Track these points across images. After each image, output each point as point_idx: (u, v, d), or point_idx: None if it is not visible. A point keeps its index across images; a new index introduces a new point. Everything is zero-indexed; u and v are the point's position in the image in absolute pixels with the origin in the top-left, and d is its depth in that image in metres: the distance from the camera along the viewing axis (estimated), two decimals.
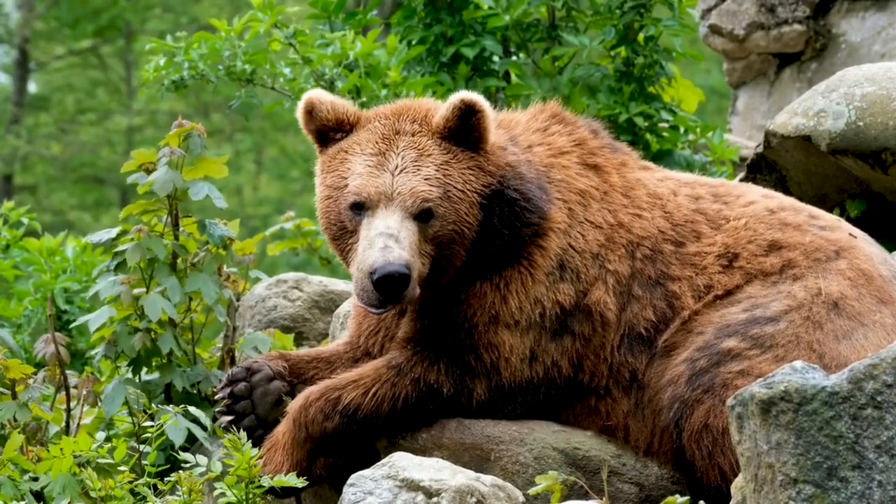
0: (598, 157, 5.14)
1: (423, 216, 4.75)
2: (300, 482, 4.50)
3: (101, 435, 5.01)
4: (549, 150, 5.10)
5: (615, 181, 5.10)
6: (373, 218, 4.74)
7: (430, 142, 4.87)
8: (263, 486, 4.45)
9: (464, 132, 4.87)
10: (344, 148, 4.92)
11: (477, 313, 4.86)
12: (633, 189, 5.09)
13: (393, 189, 4.76)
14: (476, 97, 4.86)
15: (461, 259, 4.85)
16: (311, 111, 4.97)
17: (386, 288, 4.60)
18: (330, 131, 4.98)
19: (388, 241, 4.64)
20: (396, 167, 4.80)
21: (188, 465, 4.59)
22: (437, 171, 4.81)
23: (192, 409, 5.07)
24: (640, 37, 7.44)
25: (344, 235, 4.85)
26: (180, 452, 4.72)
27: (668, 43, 7.48)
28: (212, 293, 5.55)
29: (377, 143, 4.86)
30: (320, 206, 4.95)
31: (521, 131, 5.13)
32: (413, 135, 4.88)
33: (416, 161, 4.81)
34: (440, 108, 4.91)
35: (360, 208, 4.78)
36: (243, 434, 4.48)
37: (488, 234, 4.87)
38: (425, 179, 4.78)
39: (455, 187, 4.81)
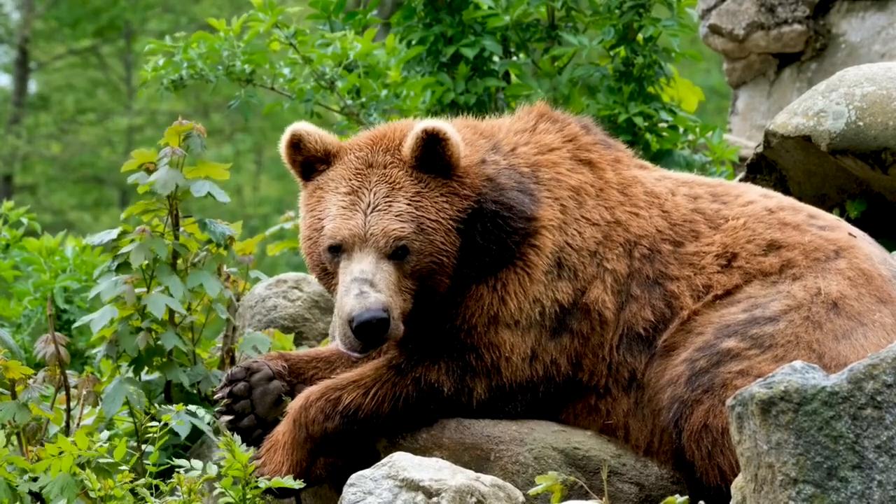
0: (592, 152, 5.13)
1: (398, 254, 4.77)
2: (297, 484, 4.51)
3: (104, 435, 5.01)
4: (535, 148, 5.08)
5: (610, 177, 5.09)
6: (349, 262, 4.77)
7: (401, 173, 4.87)
8: (260, 487, 4.45)
9: (432, 160, 4.87)
10: (320, 185, 4.95)
11: (475, 314, 4.86)
12: (629, 187, 5.09)
13: (366, 230, 4.77)
14: (439, 125, 4.85)
15: (445, 286, 4.86)
16: (297, 143, 4.99)
17: (366, 334, 4.64)
18: (317, 163, 4.99)
19: (363, 287, 4.67)
20: (369, 205, 4.81)
21: (184, 469, 4.59)
22: (409, 204, 4.81)
23: (193, 407, 5.07)
24: (640, 37, 7.44)
25: (326, 276, 4.91)
26: (174, 459, 4.71)
27: (667, 43, 7.48)
28: (215, 288, 5.56)
29: (350, 179, 4.88)
30: (303, 247, 5.00)
31: (503, 135, 5.11)
32: (385, 167, 4.88)
33: (387, 196, 4.82)
34: (405, 143, 4.90)
35: (337, 251, 4.82)
36: (237, 437, 4.49)
37: (472, 254, 4.86)
38: (397, 216, 4.79)
39: (429, 218, 4.82)
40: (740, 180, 6.42)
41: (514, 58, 7.71)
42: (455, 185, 4.89)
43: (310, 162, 5.00)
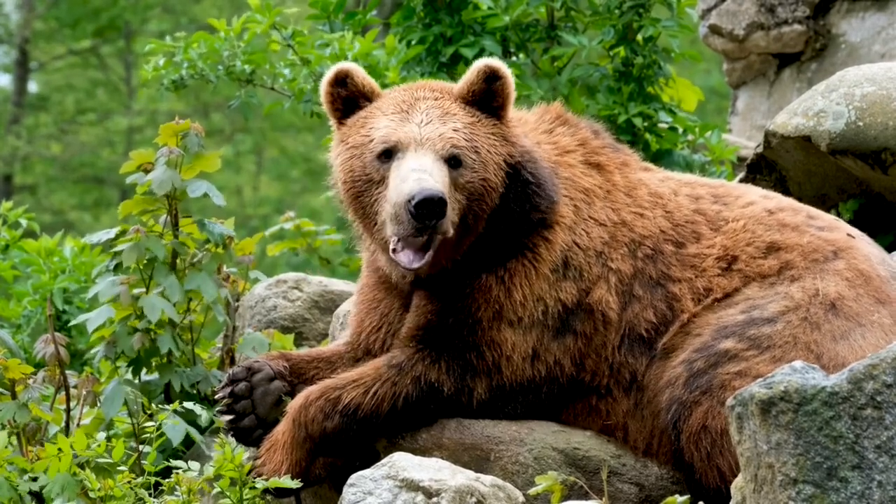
0: (601, 156, 5.18)
1: (453, 162, 4.78)
2: (295, 484, 4.50)
3: (100, 435, 5.00)
4: (555, 148, 5.14)
5: (618, 180, 5.13)
6: (403, 160, 4.75)
7: (453, 105, 4.91)
8: (258, 488, 4.44)
9: (486, 98, 4.92)
10: (363, 115, 4.95)
11: (482, 308, 4.86)
12: (635, 189, 5.12)
13: (422, 135, 4.79)
14: (500, 63, 4.92)
15: (483, 224, 4.86)
16: (344, 78, 4.96)
17: (425, 211, 4.58)
18: (361, 98, 4.98)
19: (421, 175, 4.65)
20: (422, 121, 4.84)
21: (181, 470, 4.59)
22: (464, 126, 4.85)
23: (188, 404, 5.07)
24: (639, 37, 7.45)
25: (370, 188, 4.82)
26: (172, 460, 4.71)
27: (666, 43, 7.48)
28: (211, 292, 5.55)
29: (399, 104, 4.91)
30: (342, 168, 4.92)
31: (530, 130, 5.17)
32: (435, 99, 4.93)
33: (441, 117, 4.86)
34: (462, 78, 4.96)
35: (389, 155, 4.79)
36: (231, 438, 4.48)
37: (504, 210, 4.88)
38: (454, 130, 4.82)
39: (482, 145, 4.85)
40: (740, 180, 6.42)
41: (514, 58, 7.71)
42: (504, 129, 4.93)
43: (353, 99, 4.99)
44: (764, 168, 6.37)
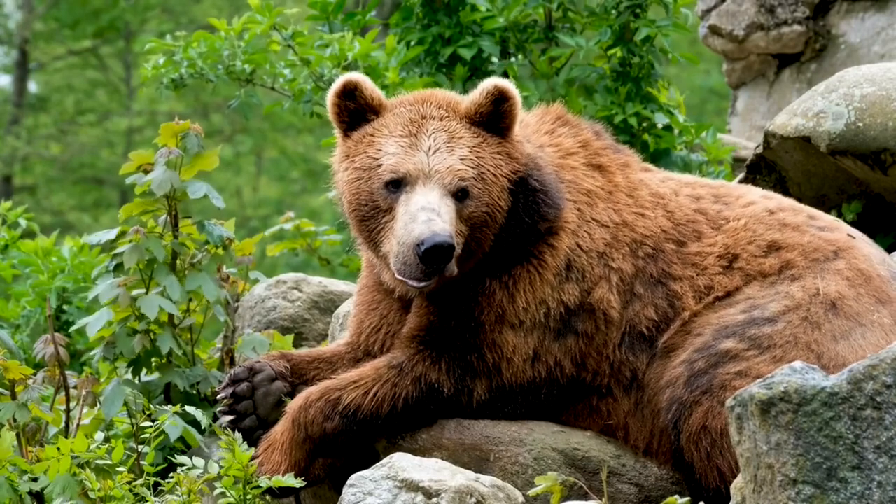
0: (603, 157, 5.18)
1: (459, 195, 4.78)
2: (298, 483, 4.50)
3: (99, 436, 5.00)
4: (557, 151, 5.14)
5: (619, 181, 5.13)
6: (411, 194, 4.74)
7: (459, 125, 4.90)
8: (261, 487, 4.44)
9: (493, 118, 4.91)
10: (370, 132, 4.92)
11: (485, 311, 4.86)
12: (636, 189, 5.12)
13: (430, 167, 4.77)
14: (509, 84, 4.91)
15: (489, 244, 4.86)
16: (352, 90, 4.93)
17: (432, 258, 4.59)
18: (368, 112, 4.95)
19: (430, 215, 4.65)
20: (430, 147, 4.82)
21: (185, 468, 4.59)
22: (470, 152, 4.84)
23: (189, 408, 5.07)
24: (636, 38, 7.45)
25: (376, 215, 4.82)
26: (176, 456, 4.71)
27: (663, 44, 7.50)
28: (212, 291, 5.55)
29: (406, 125, 4.88)
30: (348, 189, 4.90)
31: (532, 132, 5.17)
32: (441, 119, 4.90)
33: (448, 142, 4.84)
34: (469, 95, 4.95)
35: (397, 185, 4.78)
36: (238, 436, 4.48)
37: (513, 223, 4.89)
38: (461, 159, 4.81)
39: (488, 170, 4.84)
40: (740, 181, 6.42)
41: (512, 59, 7.71)
42: (509, 147, 4.92)
43: (360, 111, 4.96)
44: (764, 168, 6.37)
